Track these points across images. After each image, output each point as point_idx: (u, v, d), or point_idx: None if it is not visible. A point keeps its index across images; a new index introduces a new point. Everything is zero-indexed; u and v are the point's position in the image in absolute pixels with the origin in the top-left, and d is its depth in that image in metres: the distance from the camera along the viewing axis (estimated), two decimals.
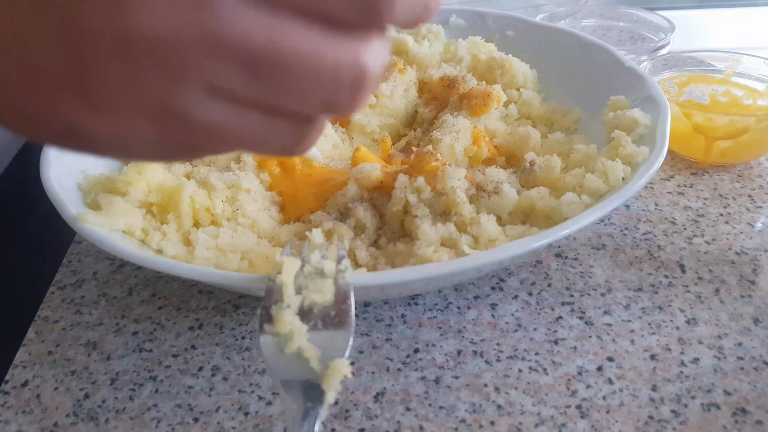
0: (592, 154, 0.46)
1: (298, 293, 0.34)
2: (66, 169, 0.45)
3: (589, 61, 0.57)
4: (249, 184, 0.46)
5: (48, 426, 0.37)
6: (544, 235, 0.37)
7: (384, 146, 0.51)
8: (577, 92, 0.57)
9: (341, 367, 0.31)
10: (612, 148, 0.45)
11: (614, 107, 0.50)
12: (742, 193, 0.55)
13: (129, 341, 0.43)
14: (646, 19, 0.84)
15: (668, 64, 0.65)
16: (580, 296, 0.45)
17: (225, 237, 0.42)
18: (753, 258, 0.48)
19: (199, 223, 0.45)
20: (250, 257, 0.41)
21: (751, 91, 0.61)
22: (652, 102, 0.48)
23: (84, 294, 0.47)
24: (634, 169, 0.43)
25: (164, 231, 0.43)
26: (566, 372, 0.39)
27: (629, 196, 0.40)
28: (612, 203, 0.39)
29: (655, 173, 0.41)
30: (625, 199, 0.39)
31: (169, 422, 0.37)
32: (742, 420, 0.36)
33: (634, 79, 0.52)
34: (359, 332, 0.43)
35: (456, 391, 0.39)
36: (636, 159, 0.43)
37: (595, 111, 0.53)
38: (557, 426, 0.36)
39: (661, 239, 0.50)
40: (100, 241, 0.38)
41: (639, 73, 0.52)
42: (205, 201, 0.44)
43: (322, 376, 0.31)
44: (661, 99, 0.48)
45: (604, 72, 0.55)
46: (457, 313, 0.44)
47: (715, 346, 0.41)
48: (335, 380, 0.31)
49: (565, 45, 0.59)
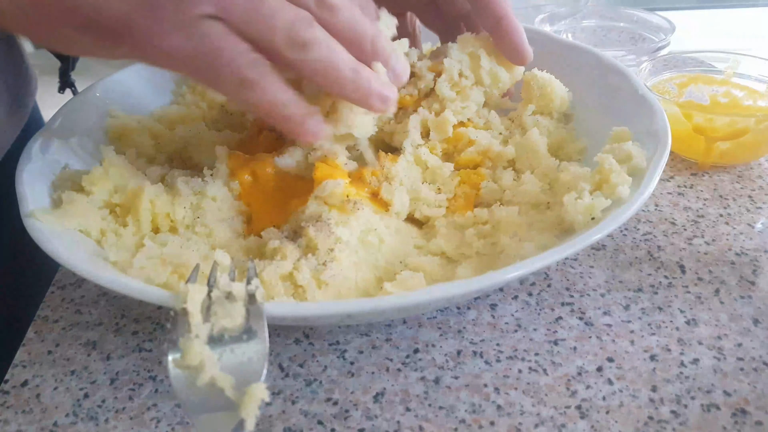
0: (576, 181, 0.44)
1: (207, 321, 0.33)
2: (46, 165, 0.45)
3: (605, 83, 0.53)
4: (216, 191, 0.45)
5: (48, 425, 0.37)
6: (481, 280, 0.35)
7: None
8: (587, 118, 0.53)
9: (258, 392, 0.30)
10: (597, 173, 0.43)
11: (615, 139, 0.47)
12: (742, 193, 0.55)
13: (129, 341, 0.43)
14: (646, 19, 0.84)
15: (668, 65, 0.65)
16: (579, 297, 0.45)
17: (173, 246, 0.41)
18: (753, 259, 0.48)
19: (159, 229, 0.44)
20: (182, 271, 0.39)
21: (752, 91, 0.61)
22: (654, 137, 0.44)
23: (84, 294, 0.47)
24: (609, 209, 0.40)
25: (120, 234, 0.42)
26: (566, 372, 0.39)
27: (584, 246, 0.37)
28: (573, 245, 0.36)
29: (631, 215, 0.39)
30: (588, 243, 0.37)
31: (168, 422, 0.37)
32: (741, 421, 0.36)
33: (643, 109, 0.48)
34: (359, 332, 0.43)
35: (456, 392, 0.39)
36: (617, 193, 0.40)
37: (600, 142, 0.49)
38: (557, 426, 0.36)
39: (661, 240, 0.50)
40: (41, 239, 0.38)
41: (650, 103, 0.48)
42: (165, 206, 0.43)
43: (239, 403, 0.30)
44: (664, 135, 0.44)
45: (616, 96, 0.52)
46: (456, 314, 0.44)
47: (714, 347, 0.41)
48: (253, 406, 0.30)
49: (581, 63, 0.56)
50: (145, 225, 0.43)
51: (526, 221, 0.44)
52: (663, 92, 0.62)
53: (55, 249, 0.37)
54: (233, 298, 0.34)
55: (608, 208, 0.40)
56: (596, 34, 0.86)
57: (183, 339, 0.32)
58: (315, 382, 0.40)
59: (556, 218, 0.43)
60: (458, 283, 0.35)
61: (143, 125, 0.53)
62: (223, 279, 0.35)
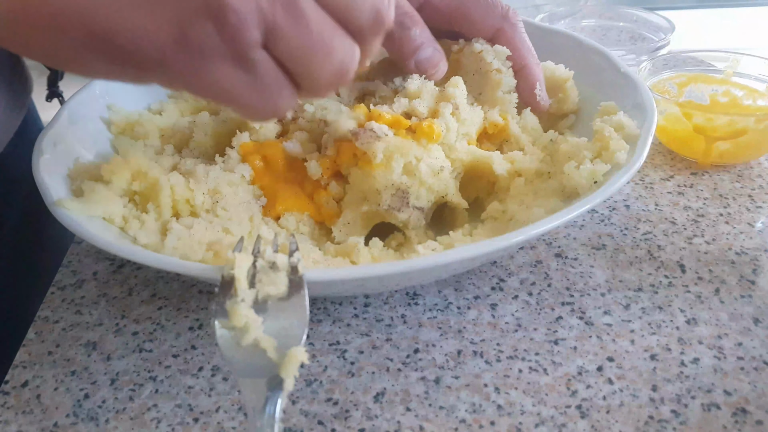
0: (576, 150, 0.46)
1: (252, 287, 0.35)
2: (58, 158, 0.45)
3: (586, 63, 0.56)
4: (231, 177, 0.46)
5: (48, 426, 0.37)
6: (510, 236, 0.38)
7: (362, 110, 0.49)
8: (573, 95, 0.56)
9: (298, 355, 0.32)
10: (596, 140, 0.46)
11: (604, 113, 0.50)
12: (742, 193, 0.55)
13: (129, 341, 0.43)
14: (645, 19, 0.84)
15: (668, 64, 0.65)
16: (580, 296, 0.45)
17: (198, 228, 0.42)
18: (753, 258, 0.48)
19: (179, 214, 0.45)
20: (216, 248, 0.41)
21: (751, 91, 0.61)
22: (641, 109, 0.48)
23: (84, 294, 0.47)
24: (610, 172, 0.43)
25: (143, 220, 0.43)
26: (566, 372, 0.39)
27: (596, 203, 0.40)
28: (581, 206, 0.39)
29: (630, 178, 0.42)
30: (594, 204, 0.39)
31: (169, 422, 0.37)
32: (742, 420, 0.36)
33: (627, 84, 0.52)
34: (359, 332, 0.43)
35: (456, 391, 0.39)
36: (615, 159, 0.43)
37: (588, 116, 0.52)
38: (557, 426, 0.36)
39: (661, 239, 0.50)
40: (75, 226, 0.39)
41: (632, 78, 0.52)
42: (185, 192, 0.44)
43: (280, 364, 0.32)
44: (650, 106, 0.48)
45: (599, 75, 0.55)
46: (457, 313, 0.44)
47: (715, 346, 0.41)
48: (293, 368, 0.32)
49: (562, 47, 0.59)
50: (166, 211, 0.44)
51: (532, 190, 0.46)
52: (663, 92, 0.62)
53: (92, 234, 0.39)
54: (277, 267, 0.36)
55: (608, 173, 0.43)
56: (596, 33, 0.86)
57: (230, 302, 0.34)
58: (315, 382, 0.40)
59: (558, 185, 0.45)
60: (504, 237, 0.37)
61: (145, 118, 0.53)
62: (267, 250, 0.38)
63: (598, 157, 0.45)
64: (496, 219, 0.46)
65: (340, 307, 0.45)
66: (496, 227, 0.45)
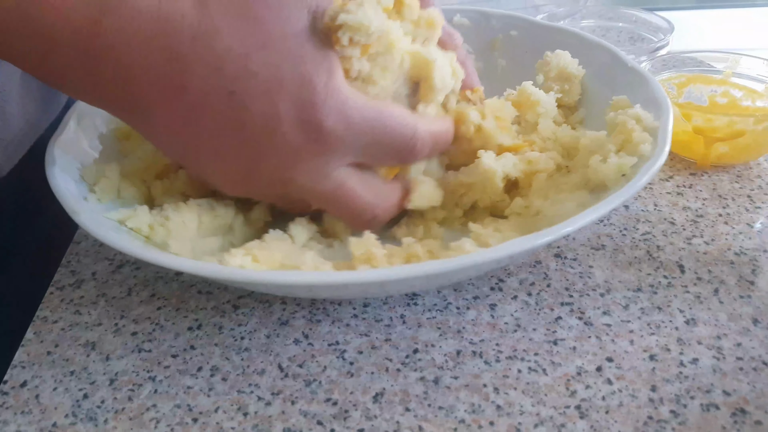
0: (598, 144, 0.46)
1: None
2: (68, 166, 0.45)
3: (592, 60, 0.57)
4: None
5: (47, 426, 0.37)
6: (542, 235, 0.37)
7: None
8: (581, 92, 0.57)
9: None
10: (619, 133, 0.45)
11: (616, 107, 0.50)
12: (741, 193, 0.55)
13: (128, 341, 0.43)
14: (645, 19, 0.84)
15: (667, 65, 0.65)
16: (579, 296, 0.45)
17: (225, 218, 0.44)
18: (752, 258, 0.48)
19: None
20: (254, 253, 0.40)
21: (750, 91, 0.61)
22: (654, 103, 0.48)
23: (83, 294, 0.47)
24: (636, 166, 0.42)
25: (169, 228, 0.43)
26: (565, 372, 0.39)
27: (631, 194, 0.39)
28: (612, 202, 0.39)
29: (657, 171, 0.41)
30: (625, 198, 0.39)
31: (168, 422, 0.37)
32: (741, 420, 0.36)
33: (636, 80, 0.52)
34: (358, 332, 0.43)
35: (455, 392, 0.39)
36: (640, 151, 0.43)
37: (597, 112, 0.53)
38: (556, 426, 0.36)
39: (660, 240, 0.50)
40: (101, 235, 0.39)
41: (641, 73, 0.52)
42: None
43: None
44: (664, 100, 0.48)
45: (606, 72, 0.55)
46: (456, 314, 0.44)
47: (714, 347, 0.41)
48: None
49: (567, 45, 0.59)
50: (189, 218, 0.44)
51: (554, 184, 0.46)
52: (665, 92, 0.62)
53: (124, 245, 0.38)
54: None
55: (636, 165, 0.43)
56: (595, 33, 0.86)
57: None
58: (314, 382, 0.40)
59: (580, 179, 0.45)
60: (541, 233, 0.36)
61: None
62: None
63: (621, 150, 0.44)
64: (519, 215, 0.46)
65: (339, 308, 0.45)
66: (523, 223, 0.45)
